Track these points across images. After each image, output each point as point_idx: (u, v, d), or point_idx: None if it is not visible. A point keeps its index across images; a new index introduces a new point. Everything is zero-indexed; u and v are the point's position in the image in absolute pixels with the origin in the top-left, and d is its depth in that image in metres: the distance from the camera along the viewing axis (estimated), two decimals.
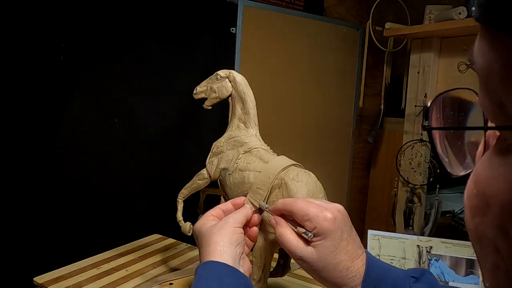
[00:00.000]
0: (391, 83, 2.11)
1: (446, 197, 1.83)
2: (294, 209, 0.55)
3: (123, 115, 1.40)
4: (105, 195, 1.38)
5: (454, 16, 1.51)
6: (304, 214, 0.53)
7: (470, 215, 0.27)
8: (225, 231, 0.56)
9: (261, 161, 0.72)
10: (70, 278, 0.86)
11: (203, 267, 0.53)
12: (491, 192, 0.24)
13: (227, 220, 0.59)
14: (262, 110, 0.82)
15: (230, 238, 0.55)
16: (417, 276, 0.52)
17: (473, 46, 0.25)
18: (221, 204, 0.64)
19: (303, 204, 0.54)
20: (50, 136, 1.26)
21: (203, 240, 0.57)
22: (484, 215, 0.25)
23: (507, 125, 0.24)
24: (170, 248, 1.06)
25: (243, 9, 1.63)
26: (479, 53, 0.25)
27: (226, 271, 0.52)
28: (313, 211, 0.53)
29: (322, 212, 0.53)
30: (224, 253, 0.54)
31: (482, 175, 0.26)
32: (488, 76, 0.24)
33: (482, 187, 0.26)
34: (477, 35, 0.25)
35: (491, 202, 0.25)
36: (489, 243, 0.25)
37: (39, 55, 1.21)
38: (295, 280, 0.92)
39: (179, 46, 1.50)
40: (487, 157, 0.26)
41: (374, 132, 2.12)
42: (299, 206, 0.55)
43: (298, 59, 1.85)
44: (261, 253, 0.67)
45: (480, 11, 0.23)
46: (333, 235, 0.52)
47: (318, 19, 1.88)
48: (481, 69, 0.24)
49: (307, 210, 0.53)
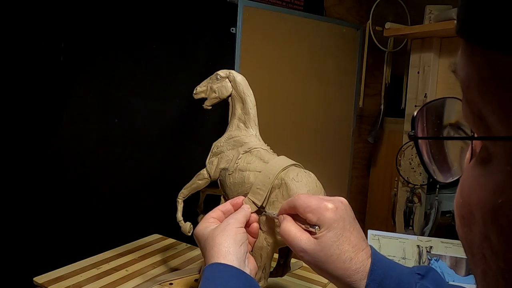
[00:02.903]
0: (391, 83, 2.11)
1: (446, 197, 1.83)
2: (297, 203, 0.55)
3: (123, 115, 1.40)
4: (105, 195, 1.38)
5: (454, 16, 1.51)
6: (306, 206, 0.54)
7: (460, 224, 0.28)
8: (228, 232, 0.56)
9: (261, 161, 0.72)
10: (70, 278, 0.86)
11: (209, 269, 0.52)
12: (474, 202, 0.25)
13: (229, 221, 0.59)
14: (262, 110, 0.82)
15: (234, 239, 0.55)
16: (422, 273, 0.52)
17: (457, 58, 0.26)
18: (220, 205, 0.64)
19: (305, 197, 0.55)
20: (50, 136, 1.26)
21: (206, 243, 0.57)
22: (471, 224, 0.26)
23: (487, 135, 0.24)
24: (170, 248, 1.06)
25: (243, 9, 1.63)
26: (460, 65, 0.25)
27: (232, 273, 0.52)
28: (315, 202, 0.54)
29: (323, 202, 0.53)
30: (229, 253, 0.54)
31: (466, 185, 0.27)
32: (468, 88, 0.24)
33: (466, 196, 0.26)
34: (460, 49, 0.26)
35: (474, 211, 0.25)
36: (477, 250, 0.26)
37: (39, 55, 1.21)
38: (295, 280, 0.92)
39: (179, 46, 1.50)
40: (471, 167, 0.27)
41: (374, 132, 2.12)
42: (301, 199, 0.55)
43: (298, 59, 1.85)
44: (261, 253, 0.67)
45: (459, 25, 0.24)
46: (336, 225, 0.52)
47: (318, 19, 1.88)
48: (462, 81, 0.25)
49: (309, 202, 0.54)
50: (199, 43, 1.54)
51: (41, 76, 1.23)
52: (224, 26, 1.61)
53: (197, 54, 1.54)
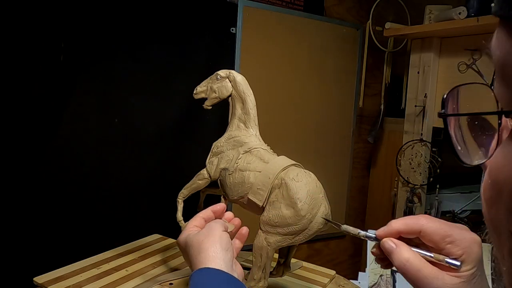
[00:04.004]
0: (391, 83, 2.11)
1: (446, 197, 1.83)
2: (427, 228, 0.44)
3: (123, 115, 1.40)
4: (105, 195, 1.38)
5: (454, 16, 1.51)
6: (445, 235, 0.43)
7: (487, 207, 0.29)
8: (213, 237, 0.55)
9: (261, 161, 0.72)
10: (70, 278, 0.86)
11: (198, 274, 0.51)
12: (502, 179, 0.26)
13: (211, 226, 0.57)
14: (262, 110, 0.82)
15: (220, 243, 0.54)
16: None
17: (491, 41, 0.28)
18: (200, 212, 0.62)
19: (439, 223, 0.44)
20: (50, 136, 1.26)
21: (192, 250, 0.55)
22: (498, 203, 0.27)
23: None
24: (170, 248, 1.06)
25: (243, 9, 1.63)
26: (496, 45, 0.27)
27: (223, 278, 0.51)
28: (458, 232, 0.43)
29: (469, 233, 0.43)
30: (217, 258, 0.52)
31: (494, 163, 0.28)
32: (504, 66, 0.26)
33: (494, 174, 0.27)
34: (495, 31, 0.27)
35: (502, 189, 0.26)
36: (504, 230, 0.27)
37: (39, 55, 1.21)
38: (295, 280, 0.92)
39: (179, 46, 1.50)
40: (500, 146, 0.28)
41: (374, 132, 2.12)
42: (433, 225, 0.44)
43: (298, 59, 1.85)
44: (261, 253, 0.67)
45: (499, 5, 0.25)
46: (480, 264, 0.43)
47: (318, 19, 1.88)
48: (498, 60, 0.26)
49: (449, 231, 0.43)
50: (199, 43, 1.54)
51: (41, 76, 1.23)
52: (224, 26, 1.61)
53: (197, 54, 1.54)
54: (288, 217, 0.64)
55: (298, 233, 0.65)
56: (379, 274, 1.06)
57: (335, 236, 2.14)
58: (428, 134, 1.71)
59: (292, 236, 0.66)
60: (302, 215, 0.64)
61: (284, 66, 1.81)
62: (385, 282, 1.05)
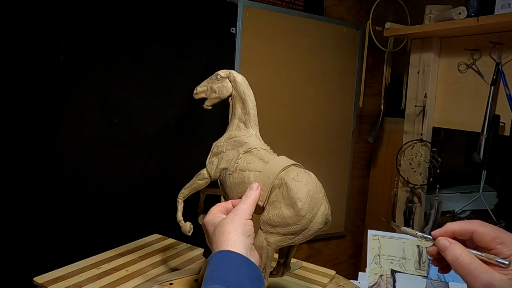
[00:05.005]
0: (391, 83, 2.11)
1: (446, 197, 1.83)
2: (479, 230, 0.50)
3: (123, 115, 1.40)
4: (105, 195, 1.38)
5: (454, 16, 1.51)
6: (496, 236, 0.49)
7: None
8: (238, 222, 0.58)
9: (261, 161, 0.72)
10: (70, 278, 0.86)
11: (218, 256, 0.53)
12: None
13: (238, 212, 0.60)
14: (262, 110, 0.82)
15: (243, 229, 0.57)
16: None
17: None
18: (222, 203, 0.66)
19: (490, 227, 0.51)
20: (50, 136, 1.26)
21: (216, 230, 0.58)
22: None
23: None
24: (170, 248, 1.06)
25: (243, 9, 1.63)
26: None
27: (242, 261, 0.53)
28: (508, 234, 0.49)
29: None
30: (237, 242, 0.55)
31: None
32: None
33: None
34: None
35: None
36: None
37: (39, 55, 1.21)
38: (295, 280, 0.92)
39: (179, 46, 1.50)
40: None
41: (374, 132, 2.12)
42: (486, 227, 0.50)
43: (298, 59, 1.85)
44: (261, 253, 0.67)
45: None
46: None
47: (318, 19, 1.89)
48: None
49: (500, 233, 0.49)
50: (199, 43, 1.54)
51: (41, 76, 1.23)
52: (224, 26, 1.61)
53: (197, 54, 1.54)
54: (288, 217, 0.64)
55: (298, 233, 0.65)
56: (379, 274, 1.06)
57: (335, 236, 2.14)
58: (428, 134, 1.71)
59: (292, 236, 0.66)
60: (302, 215, 0.64)
61: (284, 66, 1.81)
62: (385, 282, 1.05)
